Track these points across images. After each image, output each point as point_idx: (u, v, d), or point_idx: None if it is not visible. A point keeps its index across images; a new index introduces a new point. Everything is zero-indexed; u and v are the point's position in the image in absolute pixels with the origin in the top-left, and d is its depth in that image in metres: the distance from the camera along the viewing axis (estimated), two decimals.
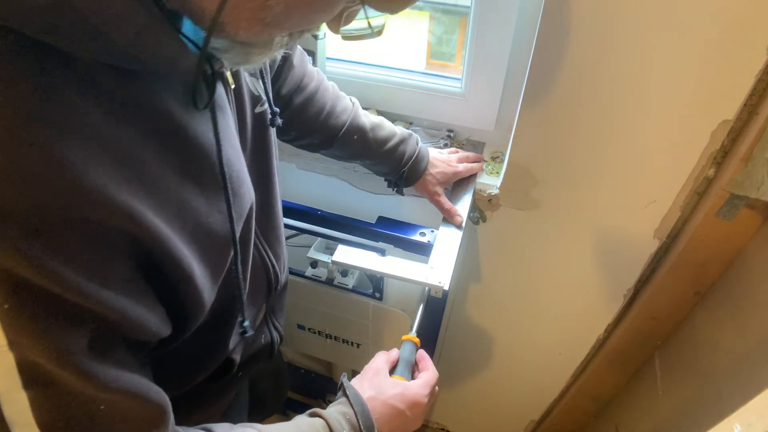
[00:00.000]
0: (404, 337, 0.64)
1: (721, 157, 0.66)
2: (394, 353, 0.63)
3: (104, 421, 0.34)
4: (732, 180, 0.64)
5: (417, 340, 0.65)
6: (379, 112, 0.95)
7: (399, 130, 0.77)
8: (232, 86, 0.47)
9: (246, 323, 0.51)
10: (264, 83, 0.54)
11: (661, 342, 0.91)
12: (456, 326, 1.18)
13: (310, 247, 0.93)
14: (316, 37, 0.81)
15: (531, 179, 0.80)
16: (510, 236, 0.92)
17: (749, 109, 0.61)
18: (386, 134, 0.76)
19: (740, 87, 0.59)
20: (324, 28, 0.82)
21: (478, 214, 0.90)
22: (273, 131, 0.58)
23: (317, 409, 0.51)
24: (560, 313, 1.02)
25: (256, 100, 0.53)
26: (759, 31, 0.55)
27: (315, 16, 0.35)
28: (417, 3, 0.40)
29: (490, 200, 0.86)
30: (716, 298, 0.76)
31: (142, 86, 0.34)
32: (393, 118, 0.96)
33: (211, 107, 0.39)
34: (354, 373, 1.00)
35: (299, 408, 1.56)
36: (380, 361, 0.61)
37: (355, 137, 0.74)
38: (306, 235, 0.88)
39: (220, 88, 0.42)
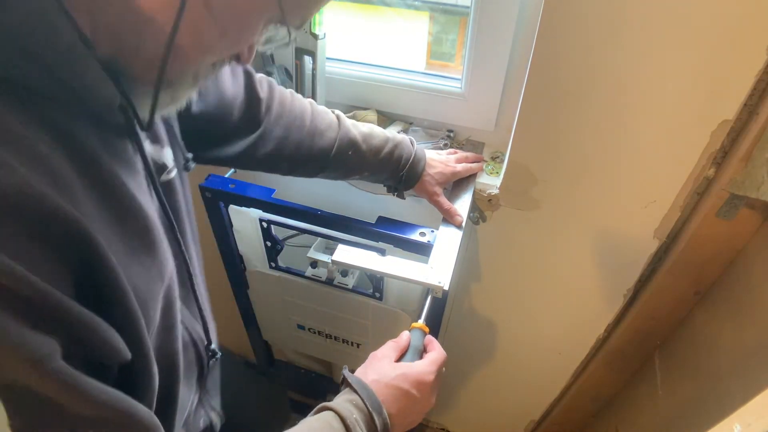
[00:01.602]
0: (413, 325, 0.64)
1: (721, 157, 0.66)
2: (404, 339, 0.62)
3: None
4: (732, 180, 0.64)
5: (426, 327, 0.64)
6: (379, 112, 0.95)
7: (391, 135, 0.76)
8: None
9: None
10: (174, 130, 0.52)
11: (661, 342, 0.91)
12: (456, 326, 1.18)
13: (310, 247, 0.93)
14: (316, 37, 0.81)
15: (531, 179, 0.80)
16: (510, 236, 0.92)
17: (749, 109, 0.61)
18: (379, 142, 0.74)
19: (740, 87, 0.59)
20: (325, 29, 0.82)
21: (478, 214, 0.91)
22: (189, 196, 0.56)
23: (323, 403, 0.51)
24: (560, 313, 1.02)
25: (160, 168, 0.49)
26: (759, 31, 0.55)
27: (246, 35, 0.38)
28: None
29: (490, 200, 0.86)
30: (716, 298, 0.76)
31: (73, 124, 0.35)
32: (393, 118, 0.96)
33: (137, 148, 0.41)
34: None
35: (299, 408, 1.56)
36: (386, 348, 0.60)
37: (350, 153, 0.72)
38: (306, 235, 0.88)
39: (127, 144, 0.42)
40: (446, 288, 0.67)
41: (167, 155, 0.50)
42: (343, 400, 0.51)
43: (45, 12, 0.31)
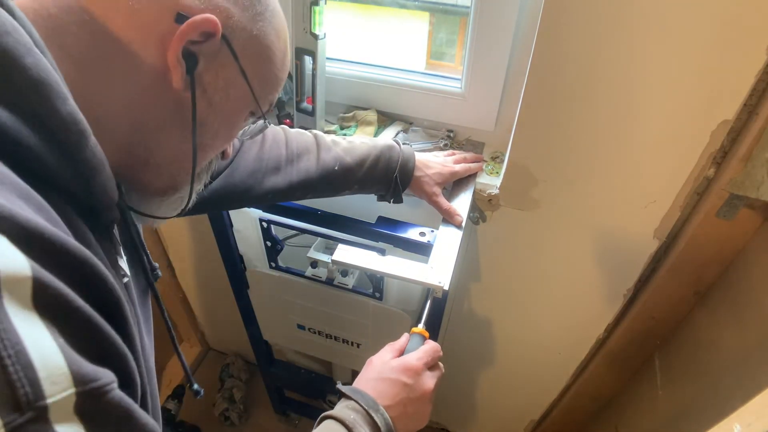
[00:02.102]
0: (413, 330, 0.64)
1: (721, 157, 0.66)
2: (401, 341, 0.63)
3: None
4: (732, 180, 0.64)
5: (426, 333, 0.65)
6: (379, 112, 0.95)
7: (373, 144, 0.76)
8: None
9: None
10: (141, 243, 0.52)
11: (661, 342, 0.91)
12: (456, 326, 1.18)
13: (310, 247, 0.93)
14: (316, 37, 0.81)
15: (531, 179, 0.80)
16: (510, 236, 0.92)
17: (749, 109, 0.61)
18: (363, 152, 0.74)
19: (740, 87, 0.59)
20: (325, 29, 0.82)
21: (478, 214, 0.91)
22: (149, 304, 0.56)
23: (323, 414, 0.53)
24: (560, 313, 1.02)
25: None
26: (759, 31, 0.55)
27: (234, 131, 0.46)
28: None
29: (490, 200, 0.86)
30: (716, 298, 0.77)
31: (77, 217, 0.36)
32: (393, 118, 0.96)
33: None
34: (354, 373, 0.99)
35: (299, 408, 1.56)
36: (383, 351, 0.61)
37: (336, 168, 0.72)
38: (306, 235, 0.88)
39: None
40: (446, 288, 0.67)
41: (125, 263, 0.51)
42: (340, 408, 0.53)
43: (78, 122, 0.33)
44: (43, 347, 0.26)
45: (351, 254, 0.71)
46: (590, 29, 0.61)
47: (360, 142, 0.76)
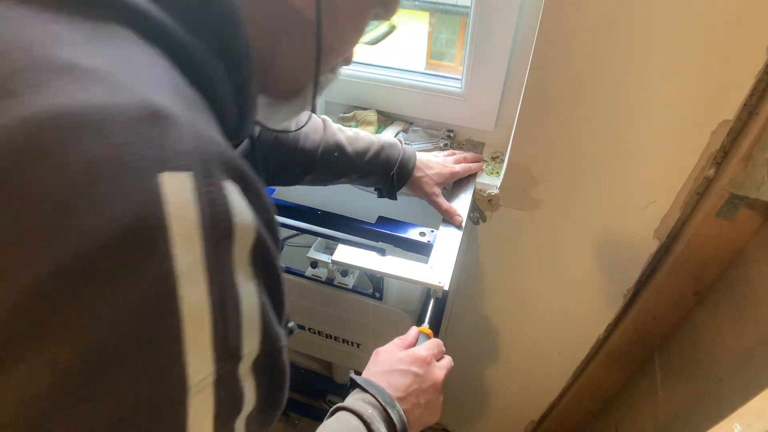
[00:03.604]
0: (419, 329, 0.65)
1: (721, 157, 0.66)
2: (410, 336, 0.63)
3: None
4: (732, 180, 0.64)
5: (430, 331, 0.65)
6: (379, 112, 0.95)
7: (377, 138, 0.76)
8: None
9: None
10: None
11: (661, 342, 0.91)
12: (456, 326, 1.18)
13: (310, 247, 0.93)
14: None
15: (531, 179, 0.80)
16: (510, 236, 0.92)
17: (749, 109, 0.61)
18: (365, 144, 0.74)
19: (740, 87, 0.59)
20: None
21: (478, 214, 0.91)
22: None
23: (337, 405, 0.52)
24: (560, 313, 1.02)
25: None
26: (759, 31, 0.55)
27: (359, 32, 0.42)
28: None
29: (490, 200, 0.86)
30: (716, 298, 0.76)
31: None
32: (393, 118, 0.96)
33: None
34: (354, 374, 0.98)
35: (299, 408, 1.56)
36: (391, 344, 0.61)
37: (336, 154, 0.72)
38: (306, 235, 0.88)
39: None
40: (446, 288, 0.67)
41: None
42: (355, 399, 0.52)
43: (234, 23, 0.32)
44: (251, 303, 0.27)
45: (351, 254, 0.71)
46: (590, 29, 0.61)
47: (365, 134, 0.76)
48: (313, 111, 0.46)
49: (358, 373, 0.57)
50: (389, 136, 0.88)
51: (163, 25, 0.27)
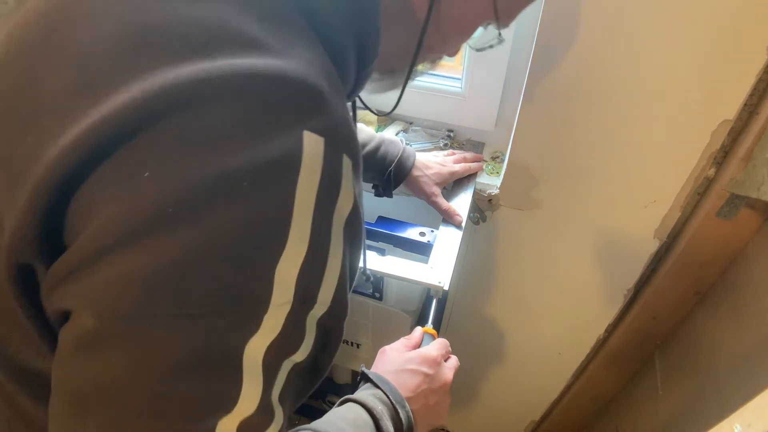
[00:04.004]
0: (423, 329, 0.65)
1: (722, 157, 0.66)
2: (416, 336, 0.62)
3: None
4: (732, 180, 0.64)
5: (434, 332, 0.65)
6: (380, 112, 0.94)
7: (377, 134, 0.76)
8: None
9: None
10: None
11: (661, 342, 0.91)
12: (456, 326, 1.18)
13: None
14: None
15: (531, 179, 0.80)
16: (510, 236, 0.92)
17: (749, 109, 0.61)
18: (364, 138, 0.74)
19: (740, 87, 0.59)
20: None
21: (478, 214, 0.90)
22: None
23: (347, 396, 0.51)
24: (560, 313, 1.02)
25: None
26: (759, 31, 0.55)
27: (463, 39, 0.46)
28: None
29: (490, 200, 0.86)
30: (716, 298, 0.76)
31: None
32: (393, 118, 0.96)
33: None
34: (354, 373, 0.99)
35: (299, 408, 1.55)
36: (397, 342, 0.61)
37: None
38: None
39: None
40: (446, 288, 0.67)
41: None
42: (366, 394, 0.51)
43: (374, 12, 0.36)
44: (335, 261, 0.32)
45: None
46: (590, 29, 0.61)
47: (367, 129, 0.76)
48: (401, 94, 0.50)
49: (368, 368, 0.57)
50: (391, 134, 0.88)
51: (323, 13, 0.33)
